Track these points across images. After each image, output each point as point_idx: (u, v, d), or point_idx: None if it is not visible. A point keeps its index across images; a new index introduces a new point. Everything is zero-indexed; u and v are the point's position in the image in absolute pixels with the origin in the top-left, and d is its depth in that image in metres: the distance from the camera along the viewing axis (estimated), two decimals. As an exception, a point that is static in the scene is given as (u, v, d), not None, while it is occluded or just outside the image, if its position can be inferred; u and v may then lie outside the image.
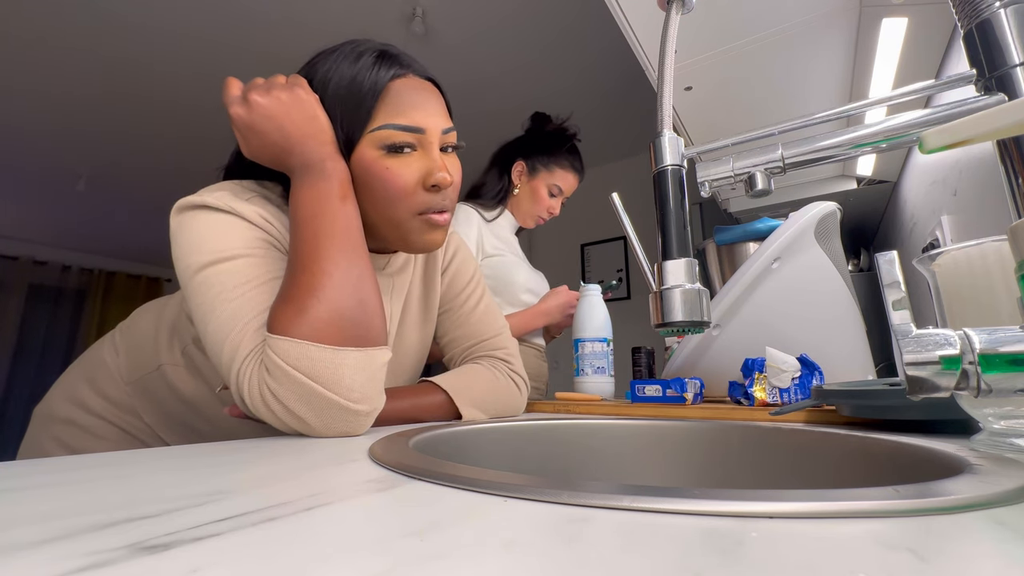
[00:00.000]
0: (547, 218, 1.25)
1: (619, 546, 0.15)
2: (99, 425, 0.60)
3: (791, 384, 0.63)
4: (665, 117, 0.39)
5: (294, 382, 0.42)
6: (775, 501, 0.18)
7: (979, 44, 0.34)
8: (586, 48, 2.20)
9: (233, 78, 0.50)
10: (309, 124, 0.49)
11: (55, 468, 0.27)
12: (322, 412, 0.42)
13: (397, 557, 0.14)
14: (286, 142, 0.49)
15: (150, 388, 0.60)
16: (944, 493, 0.19)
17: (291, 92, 0.49)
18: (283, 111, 0.48)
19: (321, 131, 0.49)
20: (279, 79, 0.50)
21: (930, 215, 1.14)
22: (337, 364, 0.43)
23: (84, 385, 0.62)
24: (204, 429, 0.60)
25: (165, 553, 0.14)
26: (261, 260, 0.48)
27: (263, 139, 0.49)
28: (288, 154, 0.49)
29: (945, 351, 0.27)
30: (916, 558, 0.14)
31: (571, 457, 0.54)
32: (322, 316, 0.43)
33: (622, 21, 0.96)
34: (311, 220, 0.47)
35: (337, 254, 0.46)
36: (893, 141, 0.36)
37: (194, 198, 0.50)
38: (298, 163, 0.49)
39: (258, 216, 0.50)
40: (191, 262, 0.47)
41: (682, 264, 0.37)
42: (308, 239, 0.46)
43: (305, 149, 0.49)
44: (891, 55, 0.98)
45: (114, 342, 0.64)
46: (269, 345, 0.43)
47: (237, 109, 0.48)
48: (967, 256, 0.37)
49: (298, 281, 0.45)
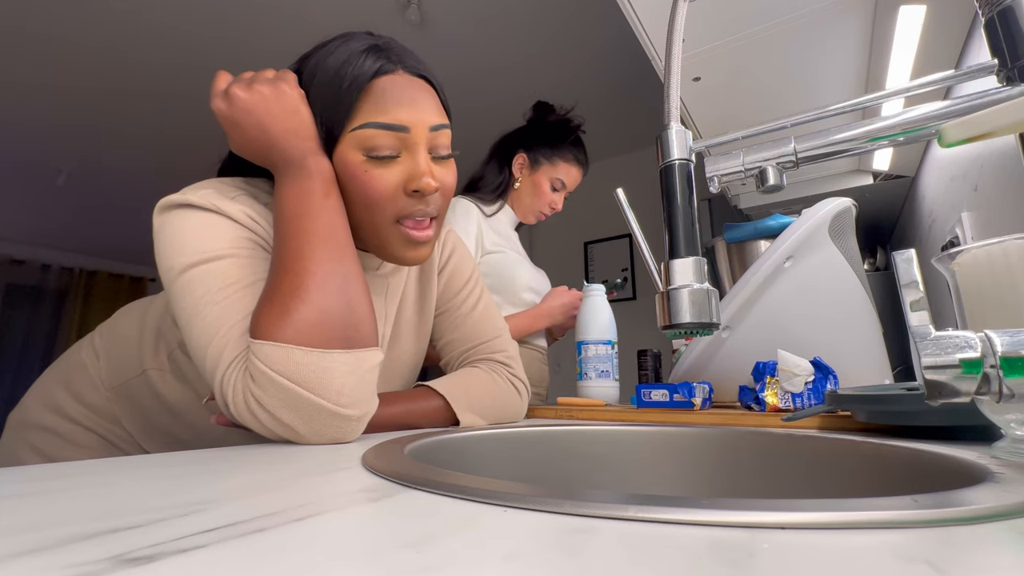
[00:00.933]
0: (549, 214, 1.22)
1: (624, 558, 0.15)
2: (78, 432, 0.59)
3: (804, 388, 0.62)
4: (672, 109, 0.38)
5: (279, 388, 0.40)
6: (787, 511, 0.18)
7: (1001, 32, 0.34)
8: (589, 37, 2.17)
9: (223, 72, 0.50)
10: (290, 119, 0.48)
11: (32, 477, 0.27)
12: (310, 418, 0.41)
13: (391, 570, 0.14)
14: (266, 137, 0.48)
15: (133, 394, 0.59)
16: (964, 503, 0.19)
17: (273, 86, 0.48)
18: (263, 106, 0.47)
19: (303, 126, 0.48)
20: (266, 74, 0.49)
21: (950, 212, 1.12)
22: (324, 368, 0.42)
23: (62, 390, 0.61)
24: (187, 438, 0.59)
25: (149, 565, 0.14)
26: (247, 261, 0.47)
27: (244, 134, 0.48)
28: (269, 150, 0.48)
29: (965, 354, 0.26)
30: (935, 571, 0.13)
31: (573, 465, 0.53)
32: (307, 318, 0.42)
33: (627, 8, 0.95)
34: (294, 219, 0.46)
35: (321, 254, 0.45)
36: (911, 134, 0.35)
37: (177, 196, 0.48)
38: (280, 159, 0.48)
39: (244, 215, 0.49)
40: (174, 263, 0.46)
41: (690, 263, 0.36)
42: (291, 239, 0.45)
43: (286, 145, 0.48)
44: (909, 44, 0.97)
45: (94, 345, 0.62)
46: (252, 351, 0.41)
47: (218, 103, 0.48)
48: (988, 255, 0.36)
49: (281, 283, 0.44)
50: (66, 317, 4.55)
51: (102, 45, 2.16)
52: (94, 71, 2.32)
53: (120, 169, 3.21)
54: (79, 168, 3.16)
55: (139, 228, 4.07)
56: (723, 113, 1.25)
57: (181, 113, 2.59)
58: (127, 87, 2.43)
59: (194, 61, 2.25)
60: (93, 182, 3.37)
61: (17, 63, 2.26)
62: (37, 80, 2.37)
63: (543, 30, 2.14)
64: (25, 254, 4.38)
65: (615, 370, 0.93)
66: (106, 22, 2.03)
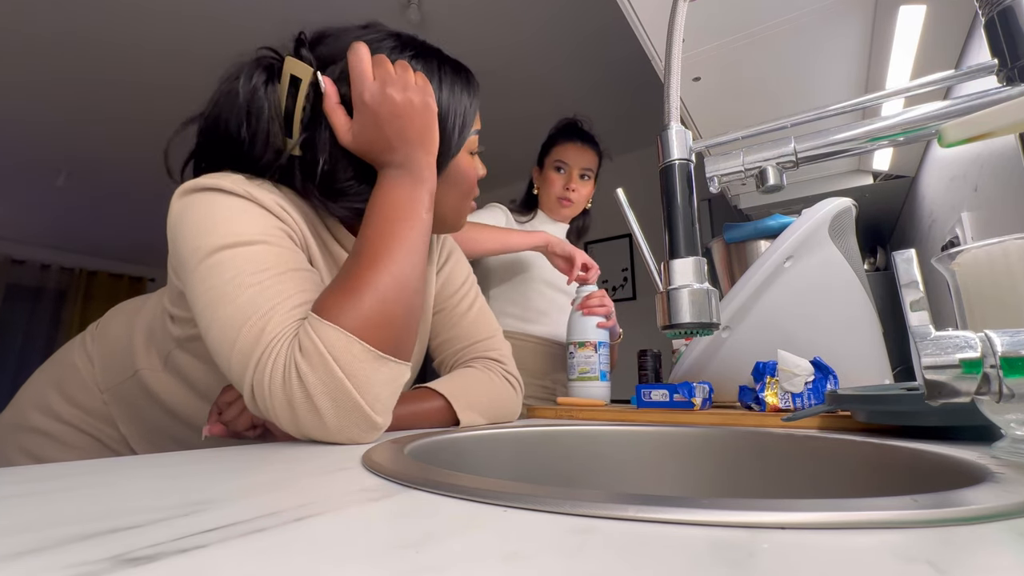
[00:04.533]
0: (570, 197, 1.25)
1: (624, 558, 0.15)
2: (70, 434, 0.58)
3: (804, 388, 0.62)
4: (672, 109, 0.38)
5: (329, 373, 0.40)
6: (787, 511, 0.18)
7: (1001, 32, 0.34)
8: (588, 37, 2.18)
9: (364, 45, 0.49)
10: (426, 132, 0.50)
11: (29, 477, 0.26)
12: (344, 413, 0.41)
13: (392, 570, 0.14)
14: (399, 141, 0.49)
15: (128, 396, 0.58)
16: (964, 503, 0.19)
17: (423, 99, 0.50)
18: (411, 114, 0.49)
19: (433, 142, 0.51)
20: (411, 76, 0.50)
21: (950, 212, 1.12)
22: (375, 369, 0.42)
23: (53, 391, 0.60)
24: (186, 438, 0.58)
25: (149, 566, 0.14)
26: (280, 250, 0.46)
27: (379, 131, 0.49)
28: (393, 151, 0.49)
29: (965, 354, 0.26)
30: (935, 571, 0.13)
31: (573, 465, 0.53)
32: (374, 315, 0.43)
33: (627, 8, 0.95)
34: (395, 221, 0.47)
35: (406, 260, 0.46)
36: (911, 134, 0.35)
37: (205, 180, 0.47)
38: (399, 161, 0.49)
39: (276, 204, 0.48)
40: (201, 244, 0.45)
41: (690, 263, 0.36)
42: (385, 237, 0.46)
43: (411, 152, 0.49)
44: (909, 44, 0.97)
45: (85, 347, 0.62)
46: (312, 327, 0.41)
47: (368, 96, 0.48)
48: (989, 255, 0.36)
49: (363, 273, 0.44)
50: (66, 317, 4.55)
51: (102, 45, 2.15)
52: (95, 71, 2.32)
53: (120, 170, 3.20)
54: (79, 168, 3.15)
55: (139, 228, 4.07)
56: (723, 113, 1.25)
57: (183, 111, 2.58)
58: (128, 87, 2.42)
59: (199, 58, 2.25)
60: (93, 182, 3.36)
61: (18, 63, 2.25)
62: (37, 81, 2.37)
63: (543, 30, 2.15)
64: (25, 254, 4.39)
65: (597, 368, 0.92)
66: (106, 21, 2.03)
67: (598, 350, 0.91)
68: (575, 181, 1.24)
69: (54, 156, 3.02)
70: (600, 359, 0.92)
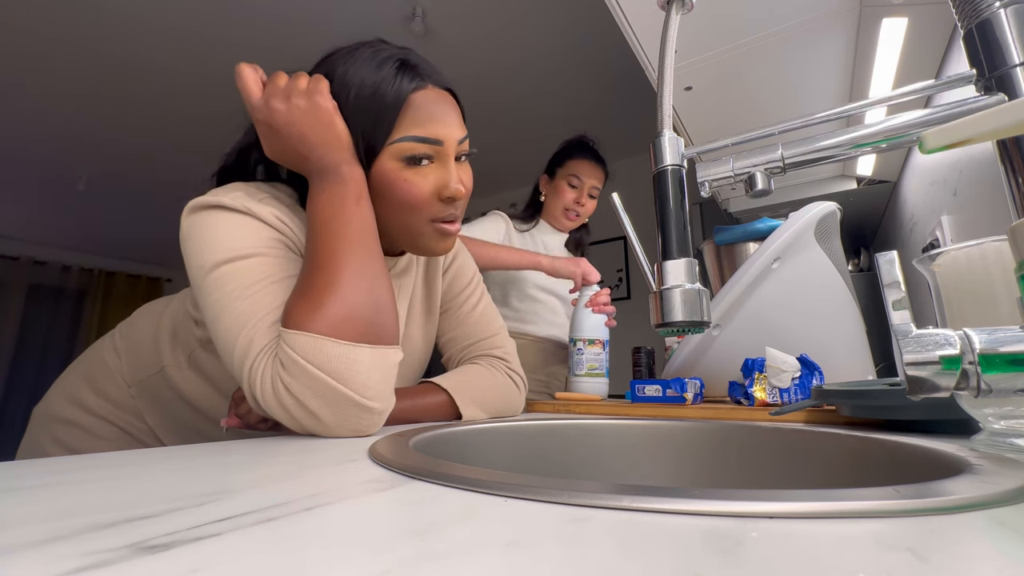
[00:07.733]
0: (578, 211, 1.29)
1: (619, 546, 0.15)
2: (99, 425, 0.61)
3: (791, 384, 0.63)
4: (665, 117, 0.39)
5: (309, 376, 0.42)
6: (775, 501, 0.18)
7: (979, 44, 0.34)
8: (585, 47, 2.20)
9: (246, 66, 0.50)
10: (327, 132, 0.49)
11: (54, 468, 0.27)
12: (337, 408, 0.42)
13: (397, 557, 0.14)
14: (304, 147, 0.49)
15: (154, 390, 0.60)
16: (944, 493, 0.19)
17: (310, 101, 0.49)
18: (302, 119, 0.49)
19: (337, 139, 0.50)
20: (300, 83, 0.49)
21: (930, 215, 1.14)
22: (352, 360, 0.43)
23: (84, 385, 0.62)
24: (208, 430, 0.60)
25: (165, 553, 0.14)
26: (275, 260, 0.49)
27: (283, 143, 0.50)
28: (306, 159, 0.50)
29: (945, 351, 0.27)
30: (916, 558, 0.14)
31: (571, 457, 0.54)
32: (338, 313, 0.44)
33: (622, 21, 0.96)
34: (328, 222, 0.48)
35: (352, 255, 0.47)
36: (893, 141, 0.36)
37: (208, 198, 0.50)
38: (315, 167, 0.50)
39: (273, 217, 0.51)
40: (205, 260, 0.47)
41: (682, 264, 0.37)
42: (325, 240, 0.47)
43: (322, 155, 0.49)
44: (891, 55, 0.99)
45: (114, 343, 0.65)
46: (284, 340, 0.43)
47: (257, 113, 0.49)
48: (967, 256, 0.37)
49: (314, 279, 0.45)
50: (86, 316, 4.62)
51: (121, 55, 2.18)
52: (116, 81, 2.35)
53: (138, 174, 3.26)
54: (99, 173, 3.22)
55: (156, 231, 4.14)
56: (714, 121, 1.27)
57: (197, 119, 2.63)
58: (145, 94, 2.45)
59: (210, 70, 2.28)
60: (112, 187, 3.43)
61: (42, 74, 2.29)
62: (61, 89, 2.40)
63: (543, 41, 2.17)
64: (47, 255, 4.46)
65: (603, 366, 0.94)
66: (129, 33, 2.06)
67: (606, 347, 0.93)
68: (585, 197, 1.29)
69: (76, 162, 3.08)
70: (606, 356, 0.93)
